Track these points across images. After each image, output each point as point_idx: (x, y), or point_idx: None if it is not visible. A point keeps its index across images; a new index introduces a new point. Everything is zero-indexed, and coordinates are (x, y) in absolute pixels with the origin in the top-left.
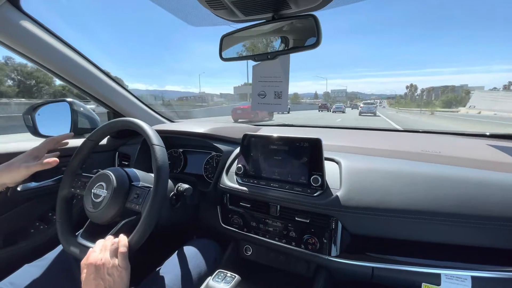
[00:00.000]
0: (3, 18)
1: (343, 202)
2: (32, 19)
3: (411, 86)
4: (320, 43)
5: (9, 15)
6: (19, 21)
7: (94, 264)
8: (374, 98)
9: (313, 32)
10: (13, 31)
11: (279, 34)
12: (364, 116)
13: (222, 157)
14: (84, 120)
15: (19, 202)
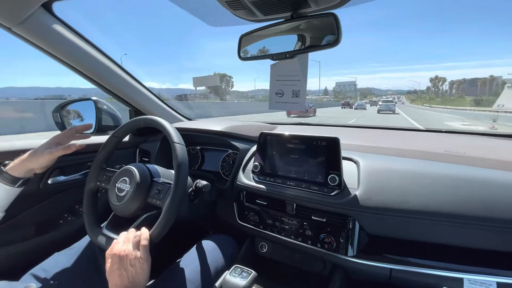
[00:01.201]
0: (37, 21)
1: (361, 202)
2: (63, 23)
3: (435, 78)
4: (340, 41)
5: (43, 19)
6: (52, 25)
7: (118, 254)
8: (391, 93)
9: (333, 30)
10: (46, 34)
11: (297, 32)
12: (383, 114)
13: (239, 155)
14: (107, 118)
15: (49, 194)
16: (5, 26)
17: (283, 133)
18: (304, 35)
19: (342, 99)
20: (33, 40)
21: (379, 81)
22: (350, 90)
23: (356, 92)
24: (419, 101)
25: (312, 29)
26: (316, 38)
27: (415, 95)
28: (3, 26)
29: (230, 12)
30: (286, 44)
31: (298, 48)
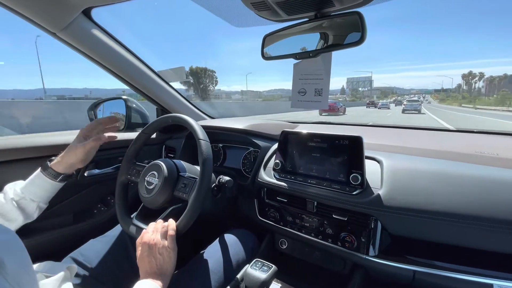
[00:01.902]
0: (78, 27)
1: (384, 202)
2: (100, 27)
3: (469, 75)
4: (365, 39)
5: (83, 25)
6: (91, 30)
7: (147, 243)
8: (415, 92)
9: (357, 28)
10: (86, 38)
11: (321, 31)
12: (408, 114)
13: (260, 152)
14: (136, 116)
15: (85, 186)
16: (51, 32)
17: (304, 132)
18: (328, 34)
19: (359, 98)
20: (75, 45)
21: (402, 80)
22: (365, 88)
23: (373, 91)
24: (451, 100)
25: (335, 28)
26: (340, 37)
27: (443, 94)
28: (49, 31)
29: (254, 12)
30: (309, 43)
31: (322, 46)
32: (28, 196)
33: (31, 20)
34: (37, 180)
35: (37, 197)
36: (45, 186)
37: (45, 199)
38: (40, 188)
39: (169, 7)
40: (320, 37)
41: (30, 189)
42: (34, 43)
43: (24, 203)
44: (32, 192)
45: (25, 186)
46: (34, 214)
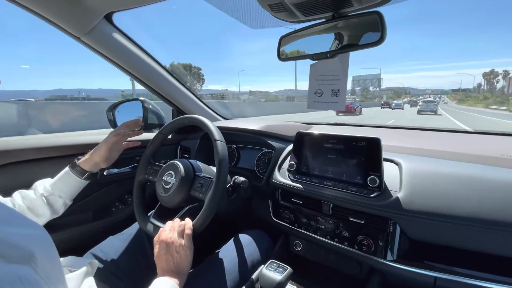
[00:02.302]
0: (100, 31)
1: (404, 205)
2: (120, 31)
3: (490, 73)
4: (384, 39)
5: (105, 29)
6: (112, 33)
7: (165, 241)
8: (430, 93)
9: (377, 28)
10: (108, 42)
11: (338, 31)
12: (423, 115)
13: (275, 153)
14: (153, 117)
15: (104, 184)
16: (75, 36)
17: (320, 133)
18: (345, 34)
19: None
20: (97, 48)
21: (416, 80)
22: (373, 87)
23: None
24: (471, 101)
25: (353, 28)
26: (358, 37)
27: (462, 94)
28: (73, 35)
29: (270, 14)
30: (326, 44)
31: (339, 47)
32: (57, 192)
33: (57, 25)
34: (65, 177)
35: (64, 193)
36: (72, 183)
37: (71, 196)
38: (68, 185)
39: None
40: (337, 38)
41: (58, 185)
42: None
43: (53, 199)
44: (61, 189)
45: (54, 182)
46: (60, 210)
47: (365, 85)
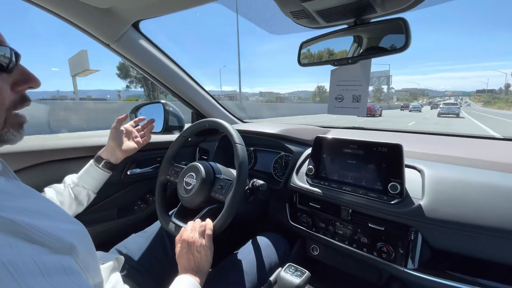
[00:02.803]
0: (128, 38)
1: (427, 213)
2: (146, 38)
3: None
4: (409, 46)
5: (133, 36)
6: (138, 40)
7: (186, 241)
8: (449, 94)
9: (400, 35)
10: (135, 49)
11: (360, 37)
12: (444, 117)
13: (293, 157)
14: (173, 119)
15: (127, 184)
16: (105, 43)
17: (340, 138)
18: (367, 40)
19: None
20: (125, 55)
21: (436, 81)
22: (381, 85)
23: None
24: (502, 103)
25: (376, 34)
26: (380, 43)
27: (487, 95)
28: (103, 43)
29: (291, 20)
30: (347, 50)
31: (361, 53)
32: (81, 183)
33: (89, 33)
34: (90, 169)
35: (88, 184)
36: (95, 175)
37: (94, 188)
38: (91, 177)
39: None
40: (359, 43)
41: (83, 177)
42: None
43: (77, 189)
44: (85, 180)
45: (80, 175)
46: (84, 201)
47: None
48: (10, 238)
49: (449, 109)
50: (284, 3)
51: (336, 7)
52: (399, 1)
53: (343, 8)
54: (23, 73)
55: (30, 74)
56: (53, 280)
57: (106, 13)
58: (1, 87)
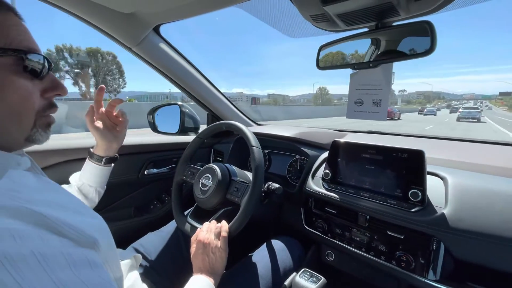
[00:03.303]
0: (149, 42)
1: (451, 223)
2: (166, 42)
3: None
4: (434, 50)
5: (153, 40)
6: (159, 44)
7: (202, 241)
8: (468, 98)
9: (425, 38)
10: (155, 52)
11: (381, 40)
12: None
13: (308, 161)
14: (189, 120)
15: (144, 183)
16: (127, 46)
17: (358, 142)
18: (390, 43)
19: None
20: (146, 58)
21: (453, 84)
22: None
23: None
24: None
25: (398, 37)
26: (403, 47)
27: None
28: (126, 46)
29: (310, 23)
30: (367, 53)
31: (383, 57)
32: (86, 182)
33: (112, 37)
34: (87, 167)
35: (92, 182)
36: (95, 171)
37: (100, 184)
38: (91, 173)
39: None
40: (379, 47)
41: (85, 175)
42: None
43: (84, 188)
44: (88, 178)
45: (81, 174)
46: (95, 199)
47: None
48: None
49: (469, 113)
50: (305, 6)
51: (358, 11)
52: (424, 4)
53: (365, 11)
54: (53, 80)
55: (59, 82)
56: (80, 273)
57: (129, 17)
58: (32, 92)
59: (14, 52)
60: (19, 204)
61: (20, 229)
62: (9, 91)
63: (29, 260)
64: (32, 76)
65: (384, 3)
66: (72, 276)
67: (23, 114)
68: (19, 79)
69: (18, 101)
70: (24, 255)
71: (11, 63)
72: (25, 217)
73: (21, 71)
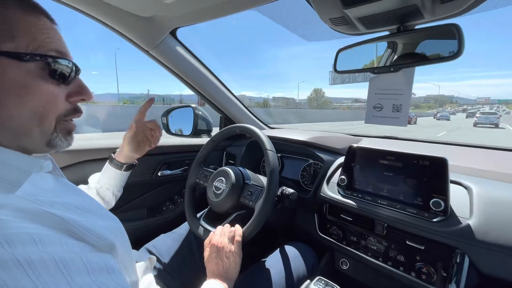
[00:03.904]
0: (166, 45)
1: (477, 235)
2: (182, 45)
3: None
4: (461, 54)
5: (170, 43)
6: (175, 47)
7: (216, 245)
8: (482, 102)
9: (452, 42)
10: (172, 55)
11: (403, 43)
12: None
13: (323, 166)
14: (202, 123)
15: (158, 184)
16: (144, 49)
17: (376, 148)
18: (410, 47)
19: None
20: (163, 61)
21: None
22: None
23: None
24: None
25: (420, 41)
26: (427, 50)
27: None
28: (143, 49)
29: (328, 26)
30: (388, 57)
31: (406, 60)
32: (104, 185)
33: (130, 40)
34: (106, 170)
35: (110, 185)
36: (113, 175)
37: (117, 187)
38: (110, 177)
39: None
40: (398, 50)
41: (103, 179)
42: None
43: (102, 191)
44: (106, 181)
45: (100, 177)
46: (111, 202)
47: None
48: (61, 235)
49: (487, 118)
50: (325, 9)
51: (380, 14)
52: (450, 7)
53: (387, 14)
54: (79, 85)
55: (85, 87)
56: (97, 279)
57: (147, 21)
58: (58, 95)
59: (40, 57)
60: (40, 208)
61: (41, 234)
62: (34, 95)
63: (49, 265)
64: (59, 80)
65: (409, 5)
66: (90, 282)
67: (45, 117)
68: (44, 84)
69: (42, 105)
70: (44, 260)
71: (37, 68)
72: (46, 221)
73: (47, 76)
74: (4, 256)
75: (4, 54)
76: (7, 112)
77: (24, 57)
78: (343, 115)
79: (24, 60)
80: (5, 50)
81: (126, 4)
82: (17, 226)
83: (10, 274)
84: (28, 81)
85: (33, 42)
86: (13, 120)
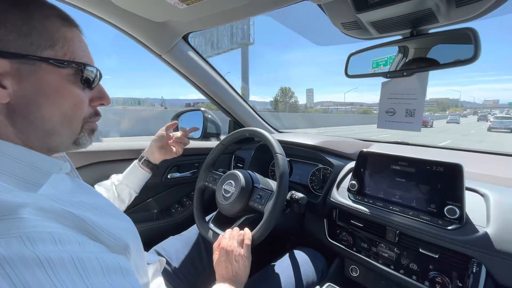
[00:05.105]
0: (178, 50)
1: (495, 244)
2: (194, 49)
3: None
4: (478, 58)
5: (182, 48)
6: (187, 52)
7: (225, 249)
8: (491, 106)
9: (467, 46)
10: (184, 59)
11: (416, 48)
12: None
13: (333, 171)
14: (211, 126)
15: (167, 187)
16: (157, 54)
17: (388, 153)
18: (422, 51)
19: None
20: (175, 66)
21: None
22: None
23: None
24: None
25: (434, 45)
26: (442, 55)
27: None
28: (156, 53)
29: (340, 31)
30: (400, 61)
31: (420, 65)
32: (125, 182)
33: (143, 44)
34: (134, 169)
35: (131, 183)
36: (138, 175)
37: (136, 187)
38: (135, 176)
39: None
40: (409, 54)
41: (128, 176)
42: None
43: (121, 187)
44: (129, 179)
45: (125, 174)
46: (126, 199)
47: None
48: (79, 235)
49: (502, 123)
50: (337, 14)
51: (393, 18)
52: (465, 11)
53: (401, 19)
54: (100, 91)
55: (105, 93)
56: (112, 279)
57: (161, 26)
58: (84, 100)
59: (76, 65)
60: (60, 207)
61: (61, 233)
62: (65, 98)
63: (68, 265)
64: (85, 85)
65: (423, 10)
66: (105, 283)
67: (74, 119)
68: (74, 88)
69: (71, 107)
70: (63, 259)
71: (71, 73)
72: (65, 220)
73: (77, 81)
74: (25, 253)
75: (45, 60)
76: (41, 112)
77: (62, 64)
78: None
79: (61, 67)
80: (45, 56)
81: (141, 10)
82: (39, 224)
83: (30, 271)
84: (61, 85)
85: (71, 53)
86: (44, 120)
